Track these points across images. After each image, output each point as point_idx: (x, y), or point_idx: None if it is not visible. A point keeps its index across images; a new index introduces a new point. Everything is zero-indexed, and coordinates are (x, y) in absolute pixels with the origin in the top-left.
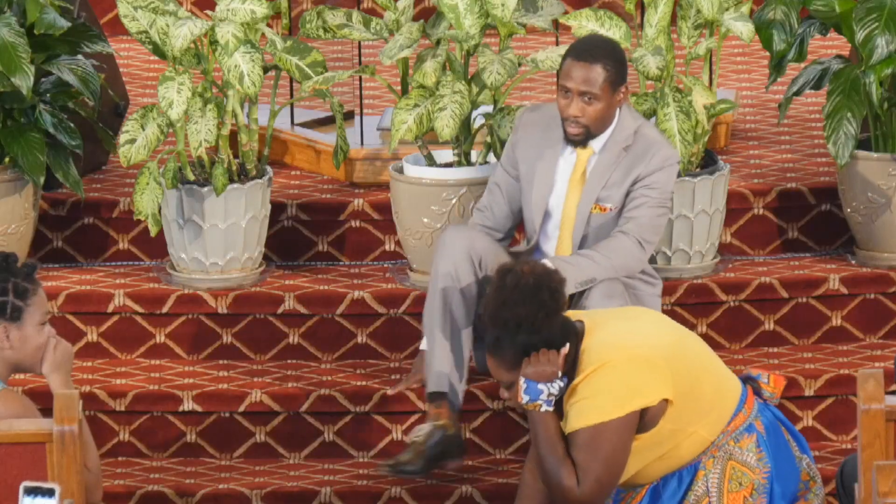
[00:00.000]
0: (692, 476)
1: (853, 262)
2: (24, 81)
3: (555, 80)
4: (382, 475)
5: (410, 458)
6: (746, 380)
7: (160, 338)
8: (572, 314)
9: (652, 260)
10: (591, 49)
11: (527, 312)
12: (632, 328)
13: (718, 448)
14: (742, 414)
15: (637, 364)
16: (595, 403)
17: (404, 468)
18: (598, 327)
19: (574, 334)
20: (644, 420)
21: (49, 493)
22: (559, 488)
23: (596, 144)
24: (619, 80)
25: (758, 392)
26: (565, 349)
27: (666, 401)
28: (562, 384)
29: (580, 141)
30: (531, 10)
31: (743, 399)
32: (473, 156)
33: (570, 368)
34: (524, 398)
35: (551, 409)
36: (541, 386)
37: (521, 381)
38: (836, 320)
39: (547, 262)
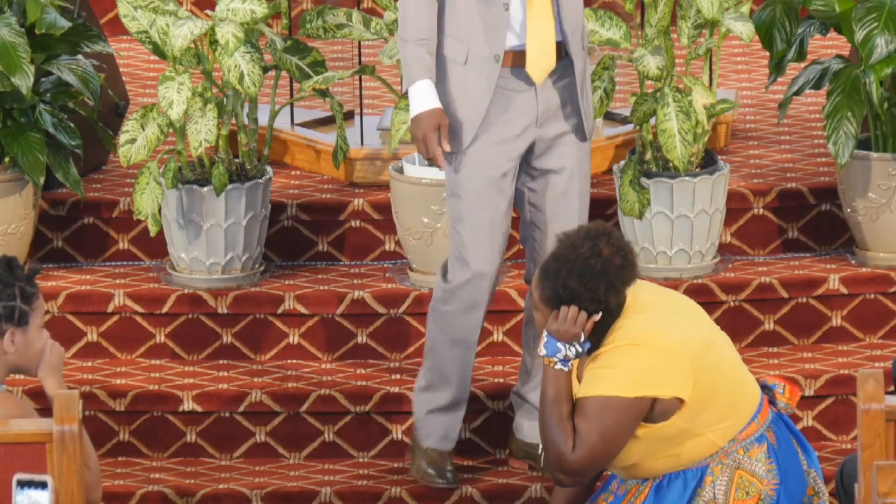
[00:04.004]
0: (697, 480)
1: (853, 261)
2: (24, 81)
3: None
4: (382, 475)
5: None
6: (762, 388)
7: (160, 338)
8: None
9: (651, 259)
10: None
11: (576, 289)
12: (669, 319)
13: (727, 455)
14: (755, 424)
15: (663, 355)
16: (611, 374)
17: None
18: (638, 308)
19: (611, 312)
20: (654, 411)
21: (42, 485)
22: (553, 448)
23: None
24: None
25: (773, 401)
26: (597, 317)
27: (679, 400)
28: (580, 349)
29: None
30: None
31: (759, 409)
32: None
33: (599, 338)
34: (542, 351)
35: (566, 369)
36: (560, 345)
37: (544, 334)
38: (836, 320)
39: None
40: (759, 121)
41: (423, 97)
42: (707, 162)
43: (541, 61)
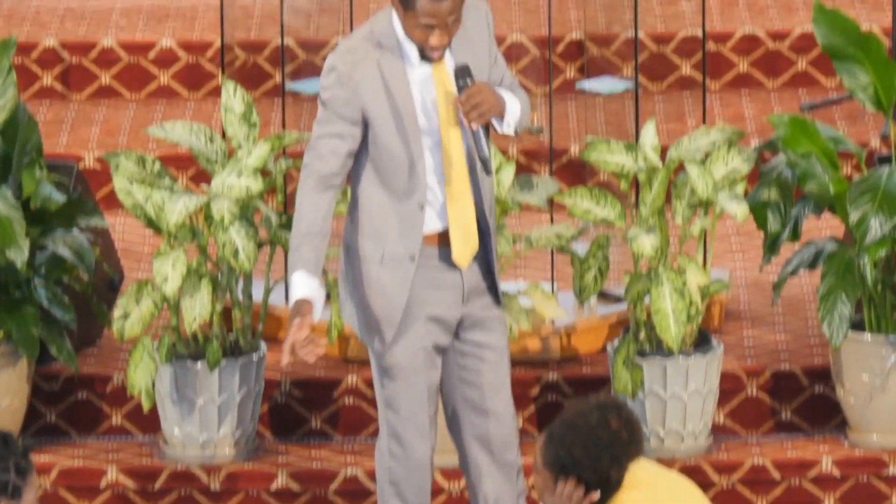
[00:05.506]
0: None
1: (846, 443)
2: (18, 255)
3: (548, 258)
4: None
5: None
6: None
7: None
8: None
9: (644, 439)
10: None
11: (579, 457)
12: (665, 500)
13: None
14: None
15: None
16: None
17: None
18: (635, 485)
19: (611, 487)
20: None
21: None
22: None
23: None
24: None
25: None
26: (595, 496)
27: None
28: None
29: (442, 56)
30: (526, 187)
31: None
32: None
33: None
34: None
35: None
36: None
37: None
38: (829, 503)
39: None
40: (753, 301)
41: (293, 289)
42: (701, 342)
43: (466, 248)
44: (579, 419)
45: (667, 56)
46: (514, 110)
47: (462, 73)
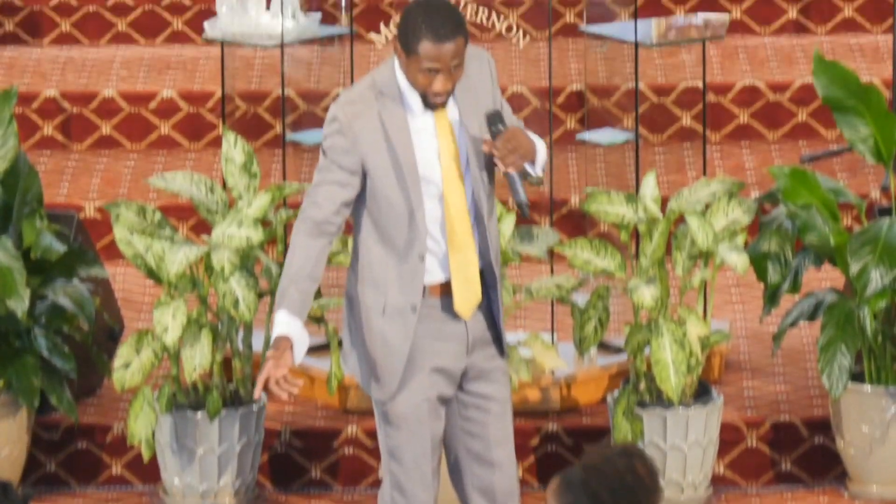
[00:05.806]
0: None
1: (846, 495)
2: (19, 305)
3: (548, 309)
4: None
5: None
6: None
7: None
8: None
9: None
10: (446, 24)
11: (605, 501)
12: None
13: None
14: None
15: None
16: None
17: None
18: None
19: None
20: None
21: None
22: None
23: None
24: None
25: None
26: None
27: None
28: None
29: (445, 103)
30: (526, 238)
31: None
32: None
33: None
34: None
35: None
36: None
37: None
38: None
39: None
40: (753, 352)
41: (274, 327)
42: (701, 393)
43: (467, 299)
44: (604, 464)
45: (667, 107)
46: (542, 151)
47: (494, 119)
